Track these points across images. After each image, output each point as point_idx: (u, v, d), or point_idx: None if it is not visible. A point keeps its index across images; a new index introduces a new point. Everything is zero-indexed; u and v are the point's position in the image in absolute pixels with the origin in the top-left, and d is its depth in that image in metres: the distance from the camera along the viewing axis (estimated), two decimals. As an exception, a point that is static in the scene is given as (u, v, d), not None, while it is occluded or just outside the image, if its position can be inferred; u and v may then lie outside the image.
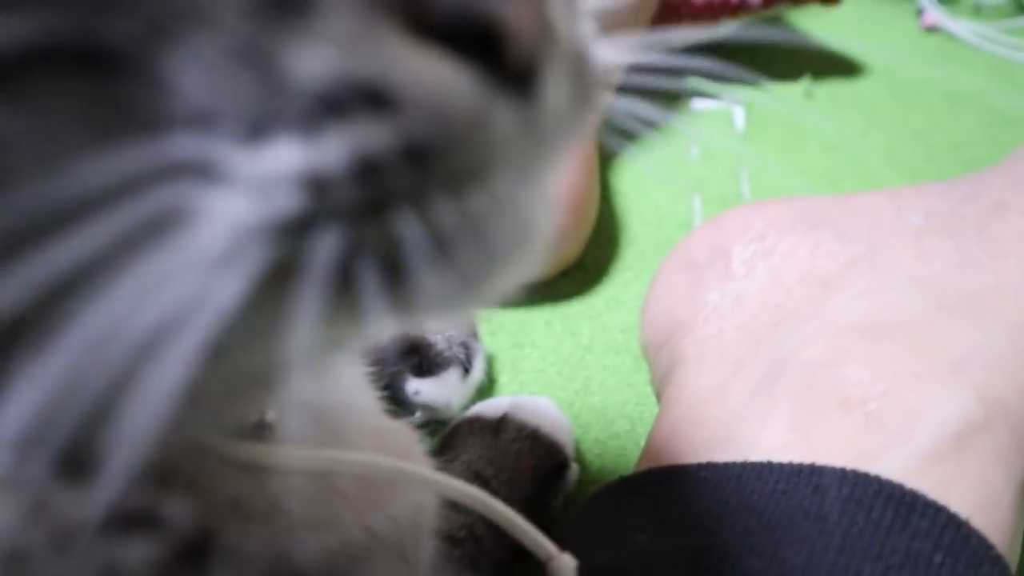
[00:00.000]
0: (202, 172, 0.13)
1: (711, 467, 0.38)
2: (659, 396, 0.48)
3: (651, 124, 0.24)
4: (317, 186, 0.13)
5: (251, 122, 0.13)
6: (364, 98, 0.13)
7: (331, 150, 0.13)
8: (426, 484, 0.23)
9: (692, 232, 0.51)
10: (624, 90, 0.23)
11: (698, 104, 0.71)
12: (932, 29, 0.73)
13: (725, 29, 0.74)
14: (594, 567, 0.32)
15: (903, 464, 0.35)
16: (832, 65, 0.71)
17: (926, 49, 0.71)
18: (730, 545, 0.34)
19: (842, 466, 0.35)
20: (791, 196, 0.50)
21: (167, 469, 0.17)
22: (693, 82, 0.72)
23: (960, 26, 0.72)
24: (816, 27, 0.75)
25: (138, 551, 0.16)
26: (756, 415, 0.39)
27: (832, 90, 0.70)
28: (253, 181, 0.13)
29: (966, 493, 0.34)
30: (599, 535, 0.37)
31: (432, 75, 0.14)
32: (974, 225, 0.43)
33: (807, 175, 0.63)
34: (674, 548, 0.34)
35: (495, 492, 0.38)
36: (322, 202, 0.13)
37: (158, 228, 0.13)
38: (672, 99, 0.71)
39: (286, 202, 0.13)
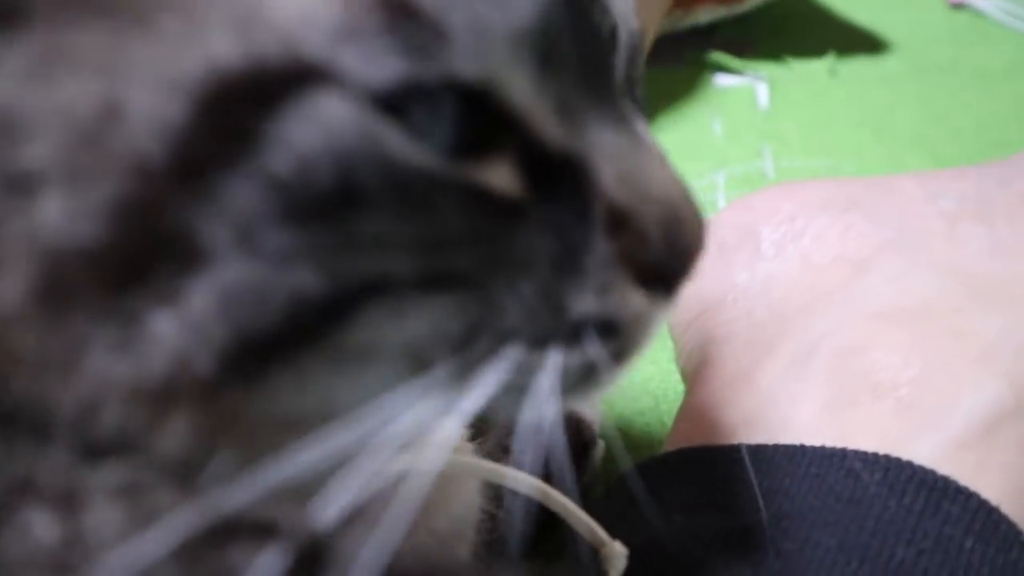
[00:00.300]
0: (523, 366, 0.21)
1: (743, 449, 0.38)
2: (684, 375, 0.49)
3: (674, 99, 0.27)
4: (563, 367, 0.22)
5: (539, 338, 0.21)
6: (601, 324, 0.22)
7: (578, 356, 0.22)
8: (499, 479, 0.24)
9: (720, 213, 0.51)
10: (649, 65, 0.25)
11: (721, 80, 0.71)
12: (958, 6, 0.73)
13: (749, 4, 0.74)
14: (631, 546, 0.33)
15: (933, 449, 0.36)
16: (857, 42, 0.71)
17: (952, 27, 0.70)
18: (764, 526, 0.35)
19: (874, 451, 0.36)
20: (821, 178, 0.50)
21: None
22: (717, 57, 0.72)
23: (987, 3, 0.71)
24: (841, 4, 0.74)
25: (257, 560, 0.17)
26: (787, 397, 0.40)
27: (856, 67, 0.69)
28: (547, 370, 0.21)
29: (995, 479, 0.35)
30: (634, 514, 0.37)
31: (640, 305, 0.23)
32: (1005, 212, 0.43)
33: (830, 154, 0.63)
34: (710, 529, 0.35)
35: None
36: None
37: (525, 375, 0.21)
38: (696, 74, 0.70)
39: (560, 363, 0.22)
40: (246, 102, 0.17)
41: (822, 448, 0.37)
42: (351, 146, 0.18)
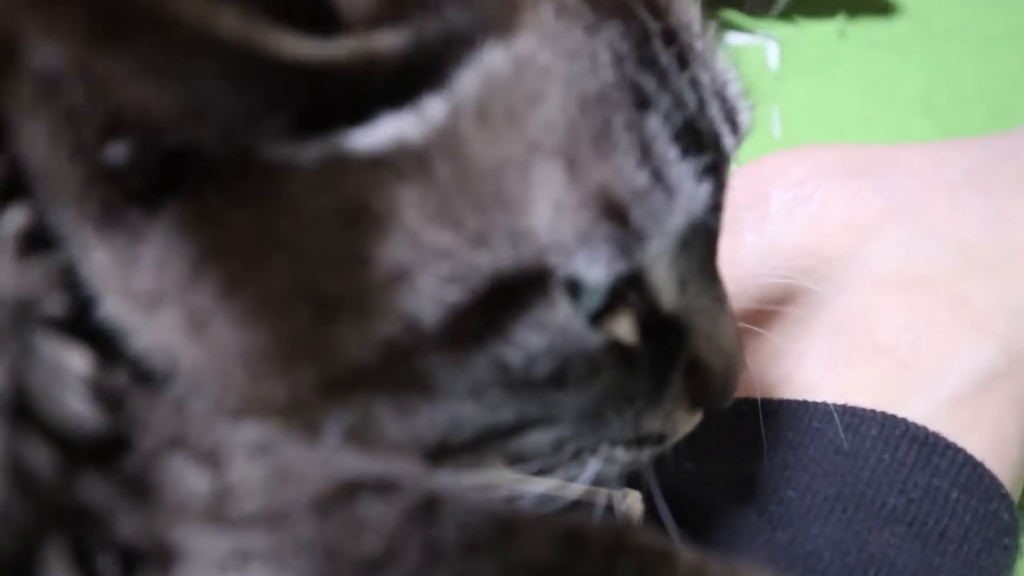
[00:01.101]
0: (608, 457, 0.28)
1: (749, 402, 0.40)
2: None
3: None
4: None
5: (620, 442, 0.28)
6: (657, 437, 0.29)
7: (635, 454, 0.29)
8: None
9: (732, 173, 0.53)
10: None
11: (732, 38, 0.72)
12: (968, -30, 0.73)
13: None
14: (646, 490, 0.35)
15: (927, 407, 0.38)
16: (866, 4, 0.71)
17: (963, -9, 0.71)
18: (768, 476, 0.37)
19: (872, 407, 0.38)
20: (830, 143, 0.52)
21: None
22: (729, 15, 0.72)
23: (997, -32, 0.72)
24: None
25: (378, 509, 0.19)
26: (792, 354, 0.42)
27: (864, 30, 0.70)
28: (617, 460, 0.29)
29: (982, 436, 0.38)
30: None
31: (687, 424, 0.30)
32: (1009, 183, 0.45)
33: (836, 117, 0.64)
34: (719, 476, 0.38)
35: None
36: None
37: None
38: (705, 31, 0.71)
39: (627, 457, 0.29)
40: (503, 298, 0.23)
41: (824, 404, 0.39)
42: (563, 345, 0.24)
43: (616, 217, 0.23)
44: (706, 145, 0.26)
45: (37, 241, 0.21)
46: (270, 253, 0.22)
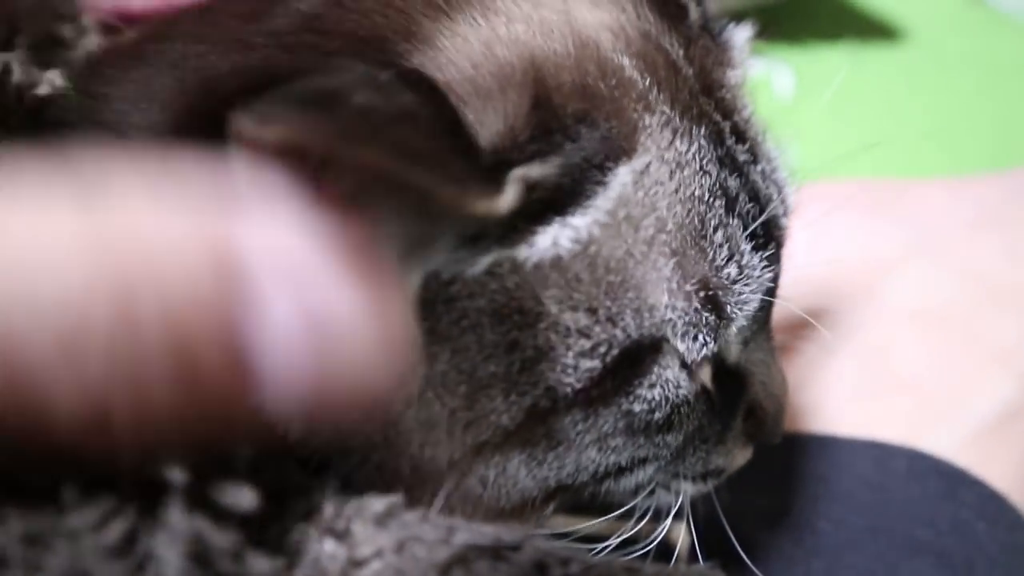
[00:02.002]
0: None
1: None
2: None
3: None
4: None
5: (689, 477, 0.32)
6: (717, 473, 0.33)
7: (700, 487, 0.33)
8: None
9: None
10: None
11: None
12: (974, -2, 0.75)
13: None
14: (689, 522, 0.37)
15: (950, 440, 0.40)
16: (875, 33, 0.73)
17: (970, 20, 0.72)
18: (802, 508, 0.39)
19: (897, 440, 0.40)
20: (847, 179, 0.53)
21: None
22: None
23: (1002, -4, 0.73)
24: (860, -8, 0.76)
25: (494, 573, 0.22)
26: (817, 387, 0.44)
27: (874, 59, 0.71)
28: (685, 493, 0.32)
29: (1006, 468, 0.39)
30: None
31: (743, 460, 0.33)
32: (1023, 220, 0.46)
33: (849, 146, 0.65)
34: (755, 507, 0.39)
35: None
36: None
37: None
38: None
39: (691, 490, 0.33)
40: (629, 363, 0.27)
41: (852, 439, 0.41)
42: (675, 398, 0.28)
43: (714, 307, 0.27)
44: (769, 234, 0.30)
45: None
46: (435, 344, 0.25)
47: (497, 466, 0.27)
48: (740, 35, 0.34)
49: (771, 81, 0.71)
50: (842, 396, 0.43)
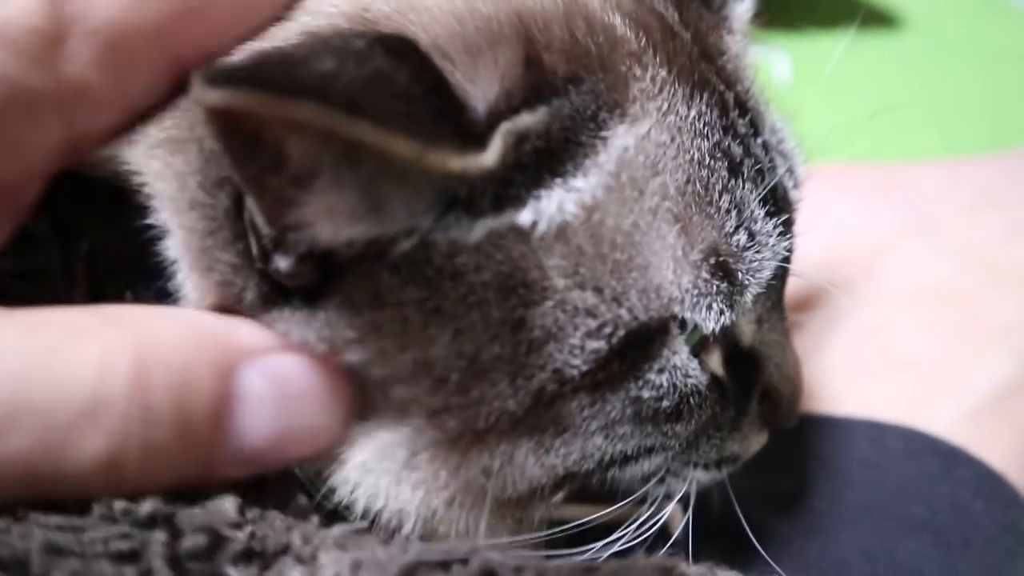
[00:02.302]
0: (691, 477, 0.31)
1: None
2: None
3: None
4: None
5: (703, 464, 0.31)
6: (732, 459, 0.32)
7: (714, 474, 0.32)
8: None
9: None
10: None
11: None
12: (971, -17, 0.74)
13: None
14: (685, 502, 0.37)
15: (948, 419, 0.40)
16: (871, 18, 0.73)
17: (967, 5, 0.72)
18: (797, 487, 0.39)
19: (895, 419, 0.40)
20: (844, 162, 0.53)
21: None
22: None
23: (999, -18, 0.73)
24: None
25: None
26: (814, 367, 0.43)
27: (869, 44, 0.71)
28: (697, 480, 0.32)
29: (1004, 446, 0.39)
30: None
31: (759, 444, 0.33)
32: (1020, 200, 0.46)
33: (844, 131, 0.65)
34: (750, 486, 0.39)
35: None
36: None
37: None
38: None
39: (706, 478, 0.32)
40: (636, 346, 0.26)
41: (848, 419, 0.40)
42: (683, 387, 0.27)
43: (725, 275, 0.27)
44: (781, 203, 0.29)
45: None
46: (435, 326, 0.24)
47: (503, 455, 0.26)
48: (739, 6, 0.34)
49: (769, 67, 0.71)
50: (839, 376, 0.43)
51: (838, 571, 0.36)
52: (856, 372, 0.42)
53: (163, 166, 0.25)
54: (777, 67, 0.71)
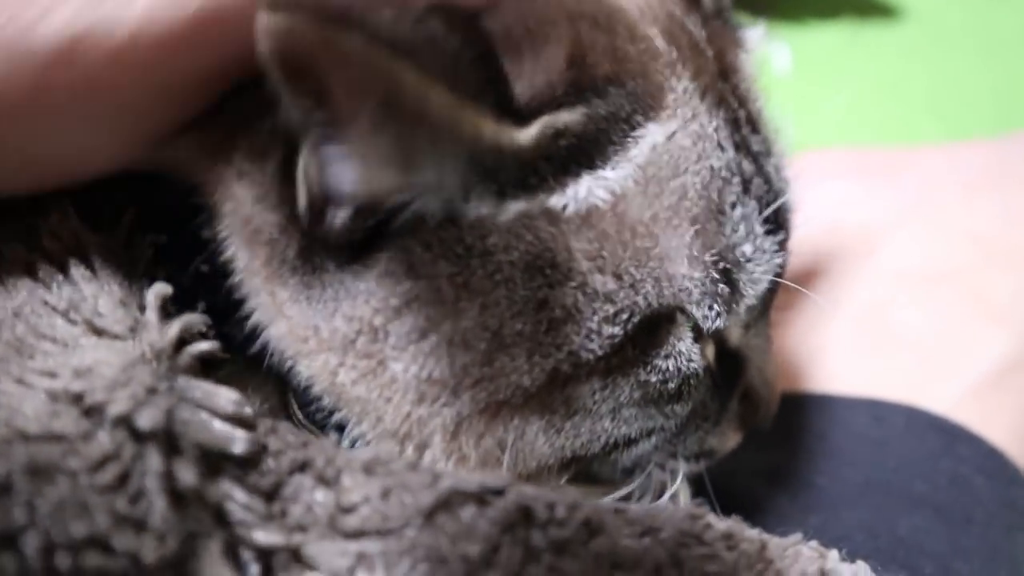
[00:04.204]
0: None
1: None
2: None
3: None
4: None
5: (684, 457, 0.31)
6: (710, 454, 0.32)
7: (694, 467, 0.32)
8: None
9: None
10: None
11: (743, 42, 0.72)
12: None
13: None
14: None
15: (949, 397, 0.39)
16: (871, 9, 0.72)
17: (966, -5, 0.71)
18: (798, 464, 0.38)
19: (896, 398, 0.39)
20: (846, 146, 0.52)
21: None
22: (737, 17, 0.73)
23: (997, -28, 0.72)
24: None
25: (478, 517, 0.22)
26: (816, 345, 0.43)
27: (873, 34, 0.70)
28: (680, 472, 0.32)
29: (1003, 424, 0.38)
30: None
31: (735, 442, 0.33)
32: (1019, 182, 0.45)
33: (848, 120, 0.64)
34: (751, 463, 0.38)
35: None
36: None
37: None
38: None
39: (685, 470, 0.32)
40: (648, 332, 0.27)
41: (849, 397, 0.40)
42: (686, 370, 0.28)
43: (728, 281, 0.28)
44: (780, 222, 0.30)
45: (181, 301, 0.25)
46: (464, 299, 0.25)
47: (516, 429, 0.26)
48: (754, 33, 0.35)
49: (768, 59, 0.70)
50: (840, 355, 0.42)
51: (840, 546, 0.35)
52: (857, 351, 0.42)
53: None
54: (777, 58, 0.70)
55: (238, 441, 0.20)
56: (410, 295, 0.25)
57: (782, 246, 0.30)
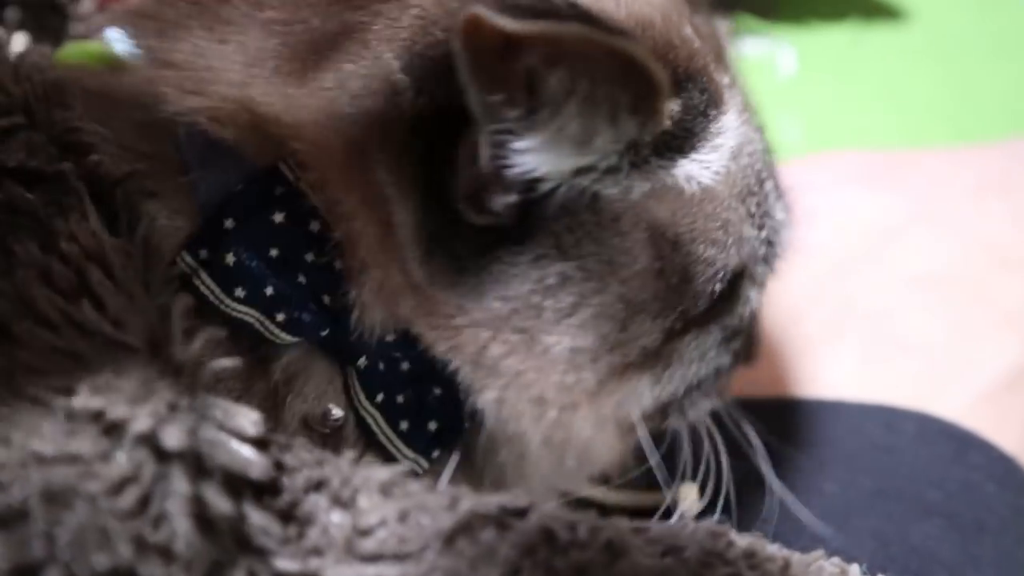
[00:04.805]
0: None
1: (787, 402, 0.41)
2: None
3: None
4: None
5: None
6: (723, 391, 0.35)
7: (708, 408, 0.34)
8: None
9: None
10: None
11: (747, 46, 0.71)
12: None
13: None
14: (701, 486, 0.36)
15: (960, 403, 0.39)
16: (877, 11, 0.71)
17: (972, -3, 0.71)
18: (809, 472, 0.38)
19: (907, 404, 0.39)
20: (851, 150, 0.52)
21: None
22: (744, 21, 0.72)
23: (1002, -27, 0.71)
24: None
25: (499, 541, 0.21)
26: (825, 352, 0.42)
27: (876, 37, 0.70)
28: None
29: (1015, 429, 0.38)
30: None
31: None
32: (1025, 187, 0.45)
33: (854, 122, 0.64)
34: (760, 472, 0.38)
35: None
36: None
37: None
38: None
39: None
40: (732, 286, 0.31)
41: (861, 404, 0.39)
42: (750, 313, 0.33)
43: (771, 244, 0.32)
44: (783, 190, 0.34)
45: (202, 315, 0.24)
46: (608, 275, 0.27)
47: (634, 386, 0.30)
48: (721, 26, 0.39)
49: (774, 60, 0.70)
50: (850, 361, 0.42)
51: (851, 554, 0.35)
52: (867, 356, 0.41)
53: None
54: (782, 61, 0.69)
55: (258, 465, 0.20)
56: (563, 274, 0.27)
57: (788, 212, 0.34)
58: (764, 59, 0.69)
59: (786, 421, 0.40)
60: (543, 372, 0.28)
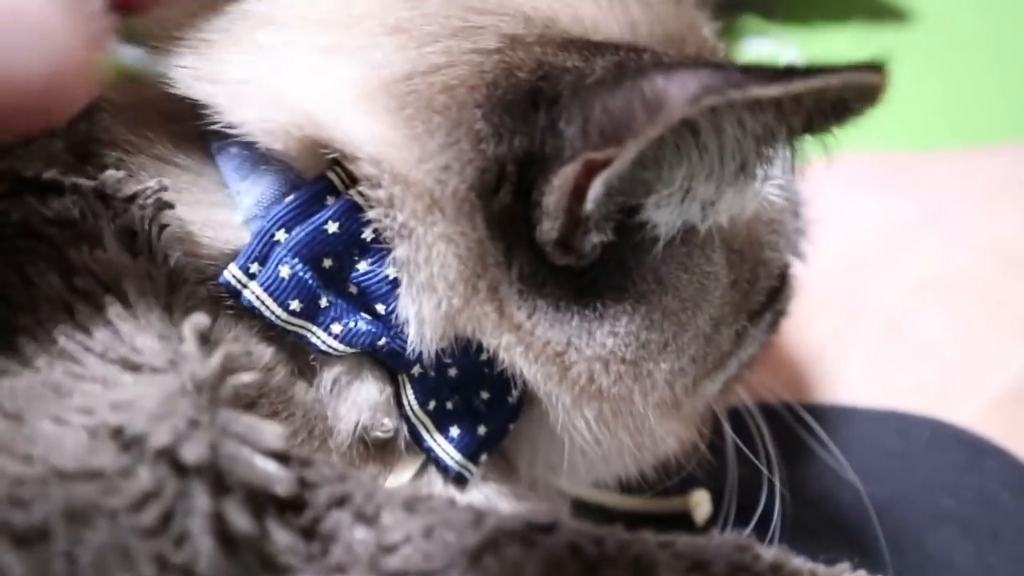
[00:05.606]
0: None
1: (798, 407, 0.40)
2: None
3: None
4: None
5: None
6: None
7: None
8: None
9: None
10: None
11: (751, 45, 0.71)
12: (978, -22, 0.72)
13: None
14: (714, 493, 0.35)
15: (973, 409, 0.38)
16: (883, 13, 0.71)
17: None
18: (821, 478, 0.37)
19: (919, 410, 0.38)
20: (857, 152, 0.51)
21: None
22: (748, 21, 0.71)
23: (1005, -24, 0.71)
24: (867, -28, 0.74)
25: (525, 557, 0.21)
26: (837, 356, 0.42)
27: (883, 36, 0.69)
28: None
29: None
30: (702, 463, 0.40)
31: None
32: (1037, 191, 0.45)
33: (859, 126, 0.63)
34: (774, 478, 0.37)
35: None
36: None
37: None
38: (725, 38, 0.70)
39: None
40: (781, 281, 0.32)
41: (874, 409, 0.39)
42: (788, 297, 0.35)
43: (798, 228, 0.34)
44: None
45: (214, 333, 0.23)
46: (701, 300, 0.28)
47: (711, 382, 0.31)
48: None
49: (778, 62, 0.69)
50: (862, 367, 0.41)
51: (865, 562, 0.35)
52: (880, 362, 0.41)
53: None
54: (787, 62, 0.69)
55: (282, 481, 0.19)
56: (665, 307, 0.28)
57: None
58: (768, 60, 0.68)
59: (797, 427, 0.39)
60: (646, 394, 0.28)
